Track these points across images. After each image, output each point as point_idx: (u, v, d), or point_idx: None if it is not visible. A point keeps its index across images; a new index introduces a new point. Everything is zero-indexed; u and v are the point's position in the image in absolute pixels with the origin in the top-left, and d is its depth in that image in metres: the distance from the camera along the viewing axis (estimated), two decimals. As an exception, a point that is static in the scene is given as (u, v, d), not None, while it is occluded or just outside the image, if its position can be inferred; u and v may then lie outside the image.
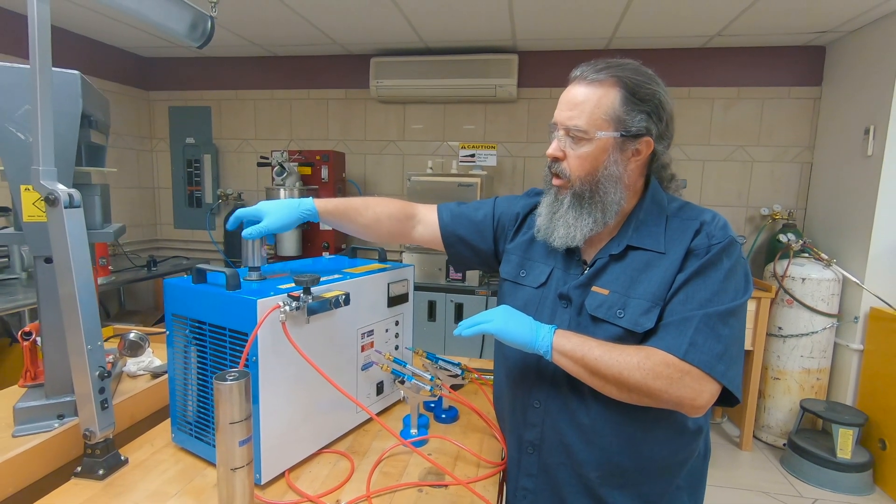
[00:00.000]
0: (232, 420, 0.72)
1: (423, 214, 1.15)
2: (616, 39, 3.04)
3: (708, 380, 0.77)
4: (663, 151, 0.91)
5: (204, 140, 3.81)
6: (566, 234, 0.90)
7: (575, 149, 0.87)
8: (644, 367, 0.77)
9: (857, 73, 2.76)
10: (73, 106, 0.95)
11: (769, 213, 3.13)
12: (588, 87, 0.86)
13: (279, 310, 0.84)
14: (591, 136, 0.85)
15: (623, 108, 0.84)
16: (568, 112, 0.87)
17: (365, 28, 2.96)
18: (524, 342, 0.86)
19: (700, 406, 0.78)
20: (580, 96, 0.86)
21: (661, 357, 0.78)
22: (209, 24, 1.08)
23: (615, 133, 0.85)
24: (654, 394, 0.78)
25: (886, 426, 2.46)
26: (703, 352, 0.77)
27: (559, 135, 0.89)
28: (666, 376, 0.77)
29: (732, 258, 0.83)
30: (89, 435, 0.87)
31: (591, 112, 0.84)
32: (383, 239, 1.15)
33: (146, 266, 3.06)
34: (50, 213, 0.83)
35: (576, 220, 0.89)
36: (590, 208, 0.88)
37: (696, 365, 0.77)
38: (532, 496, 0.96)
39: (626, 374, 0.78)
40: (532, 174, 3.44)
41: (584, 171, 0.87)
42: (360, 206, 1.12)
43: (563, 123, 0.88)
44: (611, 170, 0.86)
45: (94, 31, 3.20)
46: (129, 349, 1.25)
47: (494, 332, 0.87)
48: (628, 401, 0.81)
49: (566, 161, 0.89)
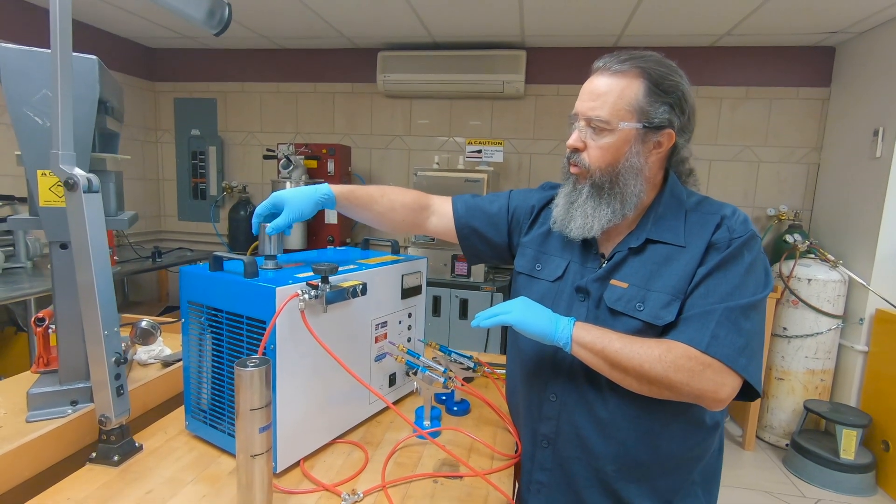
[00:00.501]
0: (252, 406, 0.71)
1: (438, 205, 1.15)
2: (625, 37, 3.03)
3: (729, 373, 0.77)
4: (684, 145, 0.91)
5: (209, 132, 3.80)
6: (583, 225, 0.90)
7: (596, 140, 0.87)
8: (665, 360, 0.77)
9: (866, 74, 2.75)
10: (90, 91, 0.94)
11: (775, 214, 3.13)
12: (611, 78, 0.85)
13: (298, 298, 0.84)
14: (614, 127, 0.85)
15: (646, 99, 0.84)
16: (590, 102, 0.86)
17: (373, 21, 2.95)
18: (543, 333, 0.85)
19: (721, 399, 0.78)
20: (603, 87, 0.85)
21: (682, 350, 0.78)
22: (226, 11, 1.07)
23: (638, 124, 0.84)
24: (676, 386, 0.77)
25: (890, 428, 2.47)
26: (724, 345, 0.77)
27: (580, 125, 0.88)
28: (688, 369, 0.77)
29: (753, 252, 0.83)
30: (105, 421, 0.87)
31: (614, 103, 0.84)
32: (397, 228, 1.14)
33: (151, 257, 3.05)
34: (69, 197, 0.83)
35: (594, 211, 0.89)
36: (609, 199, 0.88)
37: (717, 358, 0.77)
38: (546, 490, 0.95)
39: (647, 366, 0.78)
40: (538, 171, 3.43)
41: (604, 162, 0.87)
42: (376, 193, 1.11)
43: (584, 114, 0.87)
44: (632, 161, 0.86)
45: (100, 20, 3.19)
46: (141, 337, 1.25)
47: (514, 322, 0.87)
48: (648, 394, 0.81)
49: (586, 152, 0.88)
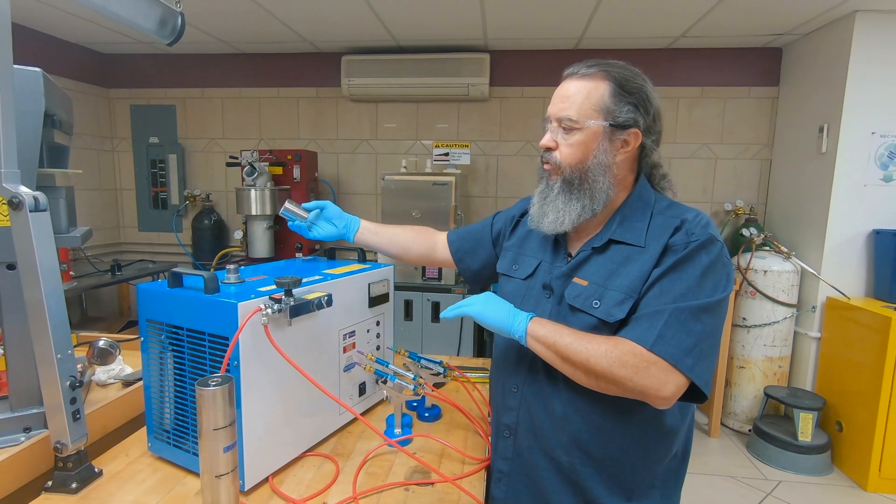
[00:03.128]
0: (216, 426, 0.70)
1: (440, 237, 1.28)
2: (585, 39, 3.10)
3: (674, 372, 0.79)
4: (652, 147, 0.95)
5: (169, 139, 3.69)
6: (555, 219, 0.94)
7: (566, 138, 0.92)
8: (611, 356, 0.80)
9: (811, 73, 2.89)
10: (35, 105, 0.91)
11: (732, 209, 3.26)
12: (579, 81, 0.91)
13: (261, 313, 0.83)
14: (581, 126, 0.90)
15: (611, 99, 0.89)
16: (560, 104, 0.92)
17: (335, 25, 2.92)
18: (501, 326, 0.90)
19: (665, 397, 0.79)
20: (572, 90, 0.91)
21: (628, 346, 0.80)
22: (179, 21, 1.05)
23: (604, 122, 0.89)
24: (620, 381, 0.80)
25: (842, 409, 2.60)
26: (670, 344, 0.79)
27: (552, 127, 0.94)
28: (632, 365, 0.79)
29: (711, 255, 0.84)
30: (61, 448, 0.84)
31: (581, 103, 0.89)
32: (409, 251, 1.27)
33: (110, 271, 2.94)
34: (14, 217, 0.80)
35: (565, 206, 0.92)
36: (578, 194, 0.92)
37: (662, 356, 0.79)
38: (507, 479, 0.97)
39: (593, 361, 0.81)
40: (505, 172, 3.47)
41: (574, 158, 0.91)
42: (398, 228, 1.29)
43: (555, 115, 0.92)
44: (600, 158, 0.90)
45: (47, 26, 3.05)
46: (99, 357, 1.20)
47: (474, 314, 0.92)
48: (596, 388, 0.84)
49: (557, 150, 0.93)
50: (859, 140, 2.62)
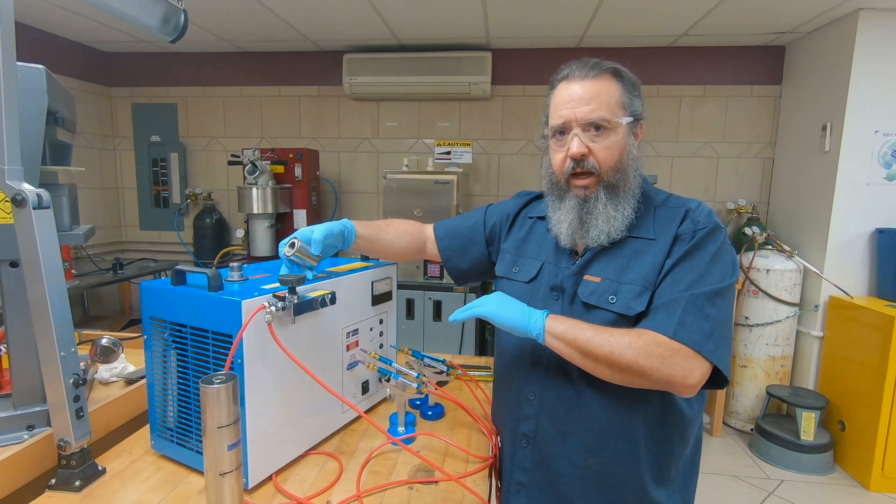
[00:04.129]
0: (220, 424, 0.70)
1: (429, 232, 1.21)
2: (587, 38, 3.10)
3: (698, 358, 0.79)
4: None
5: (170, 138, 3.69)
6: (608, 230, 0.90)
7: (599, 141, 0.89)
8: (635, 347, 0.79)
9: (814, 72, 2.89)
10: (38, 102, 0.91)
11: (735, 207, 3.25)
12: (593, 82, 0.89)
13: (265, 310, 0.83)
14: (616, 125, 0.89)
15: (626, 95, 0.90)
16: (585, 107, 0.88)
17: (337, 24, 2.92)
18: (516, 325, 0.87)
19: (691, 385, 0.79)
20: (590, 91, 0.89)
21: (651, 336, 0.80)
22: (182, 18, 1.05)
23: (630, 118, 0.90)
24: (646, 372, 0.79)
25: (845, 408, 2.60)
26: (692, 330, 0.79)
27: (577, 132, 0.89)
28: (657, 355, 0.79)
29: (718, 242, 0.86)
30: (64, 445, 0.84)
31: (608, 102, 0.88)
32: (404, 254, 1.19)
33: (111, 269, 2.94)
34: (17, 214, 0.80)
35: (616, 211, 0.90)
36: (625, 195, 0.91)
37: (685, 343, 0.79)
38: (526, 490, 0.96)
39: (617, 353, 0.80)
40: (507, 171, 3.47)
41: (613, 160, 0.90)
42: (382, 224, 1.17)
43: (583, 118, 0.88)
44: (632, 154, 0.91)
45: (50, 25, 3.05)
46: (102, 355, 1.20)
47: (487, 314, 0.89)
48: (620, 382, 0.83)
49: (592, 156, 0.90)
50: (862, 139, 2.61)
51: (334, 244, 1.04)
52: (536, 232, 1.06)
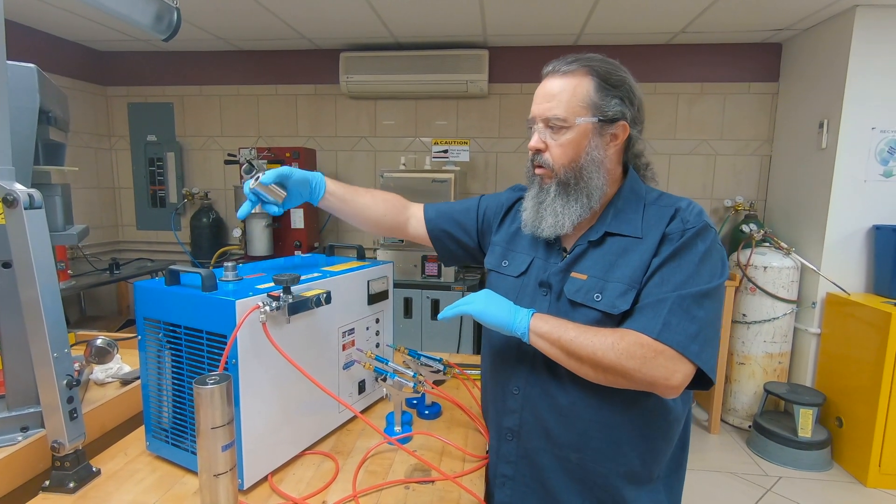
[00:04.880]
0: (214, 425, 0.69)
1: (415, 210, 1.19)
2: (585, 35, 3.09)
3: (681, 360, 0.79)
4: (637, 137, 0.95)
5: (167, 137, 3.68)
6: (555, 223, 0.92)
7: (556, 138, 0.90)
8: (618, 348, 0.79)
9: (811, 69, 2.88)
10: (30, 101, 0.90)
11: (732, 205, 3.25)
12: (562, 79, 0.90)
13: (259, 310, 0.82)
14: (571, 124, 0.88)
15: (597, 94, 0.88)
16: (546, 104, 0.90)
17: (333, 22, 2.91)
18: (502, 324, 0.88)
19: (674, 386, 0.79)
20: (556, 88, 0.90)
21: (634, 337, 0.80)
22: (175, 16, 1.04)
23: (593, 118, 0.88)
24: (629, 374, 0.79)
25: (842, 405, 2.60)
26: (676, 332, 0.79)
27: (538, 127, 0.92)
28: (640, 356, 0.78)
29: (707, 242, 0.85)
30: (58, 447, 0.83)
31: (568, 101, 0.88)
32: (380, 224, 1.16)
33: (108, 269, 2.93)
34: (8, 214, 0.79)
35: (563, 208, 0.91)
36: (576, 195, 0.91)
37: (669, 345, 0.78)
38: (511, 483, 0.97)
39: (600, 354, 0.80)
40: (505, 169, 3.46)
41: (566, 158, 0.90)
42: (361, 188, 1.15)
43: (541, 115, 0.91)
44: (592, 155, 0.90)
45: (43, 23, 3.04)
46: (97, 356, 1.19)
47: (474, 313, 0.90)
48: (604, 382, 0.83)
49: (548, 152, 0.92)
50: (859, 135, 2.61)
51: (299, 191, 1.05)
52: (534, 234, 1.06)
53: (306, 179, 1.05)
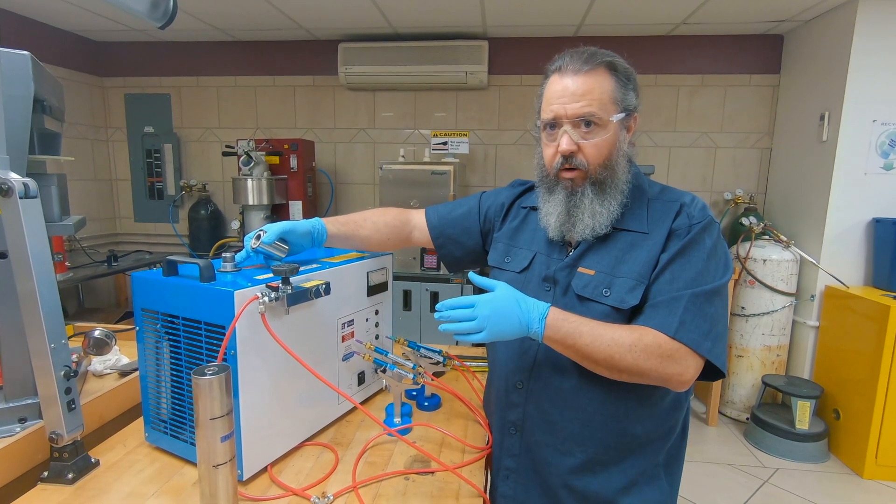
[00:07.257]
0: (212, 416, 0.69)
1: (417, 219, 1.19)
2: (585, 27, 3.06)
3: (694, 356, 0.81)
4: None
5: (164, 129, 3.65)
6: (593, 224, 0.89)
7: (589, 138, 0.87)
8: (636, 349, 0.80)
9: (812, 61, 2.87)
10: (24, 89, 0.89)
11: (732, 198, 3.24)
12: (586, 77, 0.86)
13: (258, 301, 0.81)
14: (607, 122, 0.87)
15: (619, 89, 0.88)
16: (575, 103, 0.86)
17: (332, 12, 2.88)
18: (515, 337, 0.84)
19: (686, 381, 0.81)
20: (583, 86, 0.86)
21: (652, 337, 0.80)
22: (171, 3, 1.02)
23: (622, 114, 0.88)
24: (645, 373, 0.80)
25: (840, 397, 2.61)
26: (691, 330, 0.80)
27: (567, 128, 0.87)
28: (657, 355, 0.79)
29: (713, 237, 0.86)
30: (56, 438, 0.83)
31: (600, 98, 0.86)
32: (386, 247, 1.18)
33: (106, 261, 2.92)
34: (3, 204, 0.78)
35: (602, 207, 0.89)
36: (612, 191, 0.90)
37: (684, 343, 0.80)
38: (514, 476, 0.97)
39: (617, 357, 0.80)
40: (504, 161, 3.45)
41: (602, 157, 0.88)
42: (359, 219, 1.14)
43: (573, 115, 0.86)
44: (622, 150, 0.90)
45: (39, 13, 3.00)
46: (95, 347, 1.19)
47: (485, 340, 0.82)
48: (619, 379, 0.83)
49: (581, 153, 0.88)
50: (860, 128, 2.60)
51: (300, 242, 1.03)
52: (530, 222, 1.05)
53: (307, 231, 1.04)
